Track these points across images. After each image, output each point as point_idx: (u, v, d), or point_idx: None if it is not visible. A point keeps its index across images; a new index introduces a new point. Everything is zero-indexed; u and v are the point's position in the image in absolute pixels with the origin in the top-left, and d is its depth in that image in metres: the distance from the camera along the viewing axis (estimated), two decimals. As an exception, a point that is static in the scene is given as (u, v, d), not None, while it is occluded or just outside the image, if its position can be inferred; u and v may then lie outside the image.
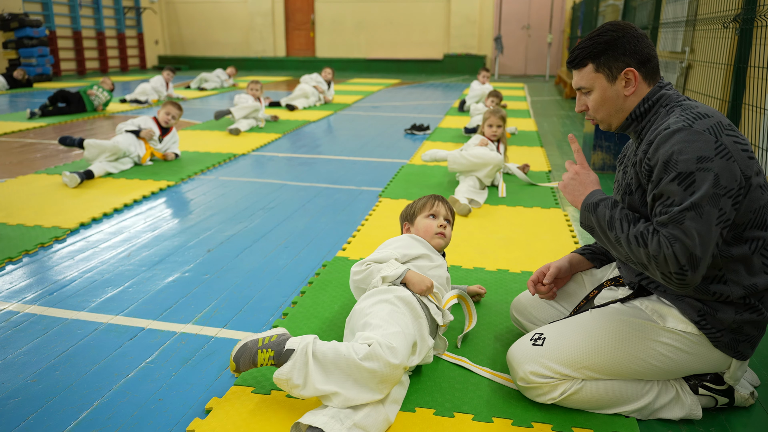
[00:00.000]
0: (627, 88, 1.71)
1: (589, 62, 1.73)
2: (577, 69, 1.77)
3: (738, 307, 1.61)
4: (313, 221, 3.66)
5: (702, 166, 1.49)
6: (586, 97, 1.79)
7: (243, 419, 1.72)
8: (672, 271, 1.48)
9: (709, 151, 1.49)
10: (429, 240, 2.24)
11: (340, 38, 19.01)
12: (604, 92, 1.73)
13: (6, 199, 4.00)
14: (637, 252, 1.54)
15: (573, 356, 1.70)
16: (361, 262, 2.11)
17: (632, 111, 1.73)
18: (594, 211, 1.69)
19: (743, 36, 3.91)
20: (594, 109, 1.77)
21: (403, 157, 5.60)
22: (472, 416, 1.75)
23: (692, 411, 1.76)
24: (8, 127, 6.98)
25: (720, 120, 1.55)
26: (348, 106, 9.66)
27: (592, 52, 1.71)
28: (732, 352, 1.64)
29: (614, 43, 1.69)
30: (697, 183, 1.48)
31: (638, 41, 1.69)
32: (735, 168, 1.50)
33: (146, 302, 2.54)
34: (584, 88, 1.77)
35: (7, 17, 13.00)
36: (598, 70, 1.72)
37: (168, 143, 5.19)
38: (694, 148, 1.50)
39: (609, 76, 1.71)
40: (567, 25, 17.18)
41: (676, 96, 1.69)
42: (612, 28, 1.71)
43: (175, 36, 20.19)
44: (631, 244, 1.56)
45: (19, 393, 1.88)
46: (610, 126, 1.80)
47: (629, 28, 1.71)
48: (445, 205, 2.34)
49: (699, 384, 1.78)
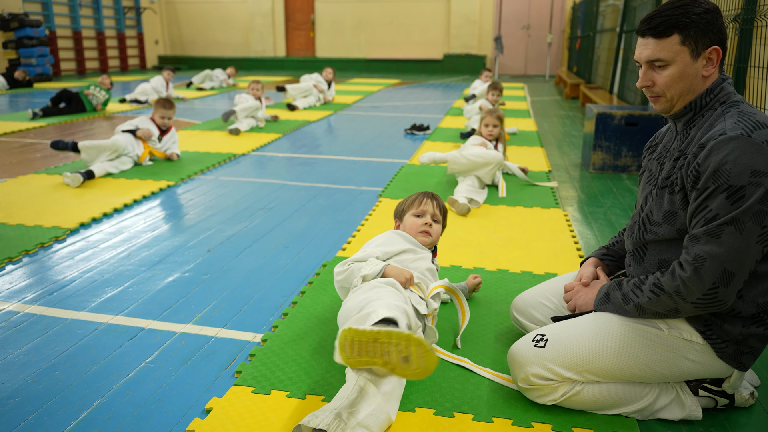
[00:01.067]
0: (707, 68, 1.59)
1: (676, 32, 1.56)
2: (658, 38, 1.58)
3: (746, 321, 1.60)
4: (313, 221, 3.66)
5: (754, 180, 1.42)
6: (656, 72, 1.62)
7: (243, 419, 1.72)
8: (702, 294, 1.48)
9: (764, 165, 1.43)
10: (414, 237, 2.25)
11: (340, 38, 19.01)
12: (685, 68, 1.58)
13: (6, 199, 4.00)
14: (660, 303, 1.58)
15: (575, 359, 1.69)
16: (343, 263, 2.11)
17: (694, 100, 1.62)
18: (607, 302, 1.74)
19: (743, 36, 3.91)
20: (667, 85, 1.61)
21: (403, 157, 5.60)
22: (472, 416, 1.75)
23: (692, 412, 1.76)
24: (8, 127, 6.98)
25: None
26: (348, 106, 9.66)
27: (681, 22, 1.55)
28: (735, 363, 1.64)
29: (704, 16, 1.55)
30: (745, 197, 1.42)
31: (722, 20, 1.58)
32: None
33: (146, 302, 2.54)
34: (661, 61, 1.59)
35: (7, 17, 13.01)
36: (684, 42, 1.56)
37: (168, 143, 5.19)
38: (749, 160, 1.43)
39: (693, 52, 1.57)
40: (567, 25, 17.18)
41: (734, 94, 1.60)
42: (704, 2, 1.57)
43: (175, 36, 20.19)
44: (651, 302, 1.60)
45: (19, 393, 1.88)
46: (672, 107, 1.65)
47: (713, 4, 1.58)
48: (434, 203, 2.31)
49: (699, 386, 1.78)
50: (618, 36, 9.12)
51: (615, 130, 4.98)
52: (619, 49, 9.15)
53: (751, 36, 3.88)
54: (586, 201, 4.18)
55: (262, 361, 2.02)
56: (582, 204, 4.10)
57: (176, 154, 5.22)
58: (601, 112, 5.05)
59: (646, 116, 5.01)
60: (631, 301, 1.65)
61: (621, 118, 4.99)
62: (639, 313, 1.64)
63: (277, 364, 2.00)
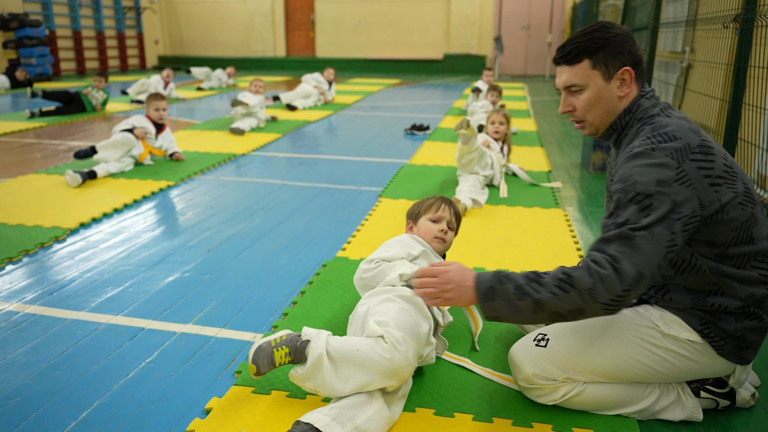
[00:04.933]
0: (621, 88, 1.66)
1: (586, 58, 1.64)
2: (570, 65, 1.67)
3: (738, 316, 1.60)
4: (313, 221, 3.66)
5: (661, 189, 1.47)
6: (574, 97, 1.70)
7: (243, 419, 1.72)
8: (616, 296, 1.44)
9: (668, 177, 1.47)
10: (429, 242, 2.24)
11: (340, 38, 19.00)
12: (600, 91, 1.66)
13: (6, 199, 4.00)
14: (567, 300, 1.46)
15: (577, 360, 1.69)
16: (369, 260, 2.10)
17: (615, 121, 1.69)
18: (493, 297, 1.54)
19: (743, 36, 3.91)
20: (585, 109, 1.69)
21: (403, 157, 5.59)
22: (472, 416, 1.75)
23: (693, 413, 1.75)
24: (8, 127, 6.98)
25: (688, 142, 1.52)
26: (348, 106, 9.66)
27: (590, 48, 1.64)
28: (736, 359, 1.64)
29: (612, 40, 1.63)
30: (654, 206, 1.46)
31: (633, 42, 1.66)
32: (693, 196, 1.48)
33: (146, 302, 2.54)
34: (576, 86, 1.68)
35: (7, 17, 13.00)
36: (594, 66, 1.64)
37: (165, 142, 5.18)
38: (654, 172, 1.48)
39: (605, 75, 1.65)
40: (567, 25, 17.18)
41: (651, 108, 1.65)
42: (609, 25, 1.66)
43: (175, 36, 20.19)
44: (557, 298, 1.47)
45: (19, 393, 1.88)
46: (597, 130, 1.73)
47: (624, 28, 1.67)
48: (451, 210, 2.29)
49: (701, 387, 1.78)
50: (618, 36, 9.11)
51: (615, 130, 4.98)
52: (619, 49, 9.14)
53: (751, 36, 3.88)
54: (586, 201, 4.18)
55: (262, 361, 2.02)
56: (582, 204, 4.10)
57: (180, 153, 5.21)
58: (601, 112, 5.04)
59: (646, 116, 5.01)
60: (528, 297, 1.49)
61: (621, 118, 4.99)
62: (535, 310, 1.50)
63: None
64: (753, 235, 1.56)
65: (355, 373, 1.65)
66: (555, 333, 1.75)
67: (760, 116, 4.00)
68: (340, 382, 1.65)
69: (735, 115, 3.99)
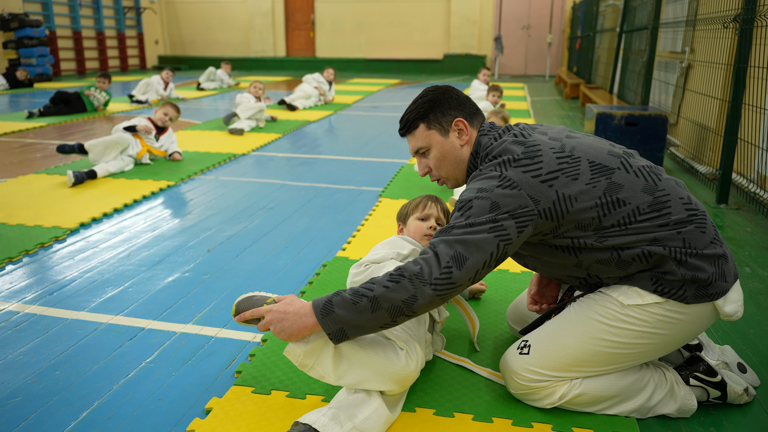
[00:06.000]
0: (461, 137, 1.80)
1: (420, 122, 1.81)
2: (410, 133, 1.84)
3: (672, 262, 1.59)
4: (313, 221, 3.66)
5: (480, 195, 1.59)
6: (426, 159, 1.85)
7: (243, 419, 1.72)
8: (440, 274, 1.52)
9: (489, 184, 1.60)
10: (419, 241, 2.24)
11: (340, 38, 19.01)
12: (442, 146, 1.80)
13: (6, 199, 4.01)
14: (400, 290, 1.51)
15: (560, 359, 1.69)
16: (358, 264, 2.11)
17: (468, 167, 1.81)
18: (331, 310, 1.54)
19: (743, 36, 3.91)
20: (436, 166, 1.83)
21: (403, 157, 5.60)
22: (472, 416, 1.75)
23: (686, 401, 1.76)
24: (8, 127, 6.98)
25: (511, 154, 1.65)
26: (348, 106, 9.66)
27: (420, 113, 1.81)
28: (707, 298, 1.62)
29: (438, 100, 1.80)
30: (473, 208, 1.58)
31: (459, 96, 1.82)
32: (521, 196, 1.57)
33: (146, 302, 2.54)
34: (422, 148, 1.83)
35: (7, 17, 13.01)
36: (430, 127, 1.80)
37: (166, 143, 5.19)
38: (477, 184, 1.64)
39: (442, 131, 1.80)
40: (567, 25, 17.18)
41: (486, 141, 1.76)
42: (432, 89, 1.84)
43: (175, 36, 20.19)
44: (390, 290, 1.52)
45: (19, 393, 1.88)
46: (457, 181, 1.87)
47: (449, 87, 1.84)
48: (438, 206, 2.31)
49: (690, 374, 1.79)
50: (618, 36, 9.12)
51: (615, 130, 4.98)
52: (619, 49, 9.15)
53: (751, 36, 3.88)
54: (586, 201, 4.17)
55: (262, 361, 2.02)
56: (582, 204, 4.10)
57: (178, 153, 5.22)
58: (601, 112, 5.05)
59: (646, 116, 5.01)
60: (363, 297, 1.52)
61: (621, 118, 4.99)
62: (373, 309, 1.52)
63: (277, 364, 2.00)
64: (620, 199, 1.61)
65: (357, 368, 1.65)
66: (536, 338, 1.76)
67: (760, 116, 4.00)
68: (339, 372, 1.65)
69: (735, 115, 3.99)
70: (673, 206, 1.63)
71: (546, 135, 1.74)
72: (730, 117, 4.02)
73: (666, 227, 1.61)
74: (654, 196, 1.63)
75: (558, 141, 1.71)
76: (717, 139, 4.60)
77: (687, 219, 1.63)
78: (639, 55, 7.44)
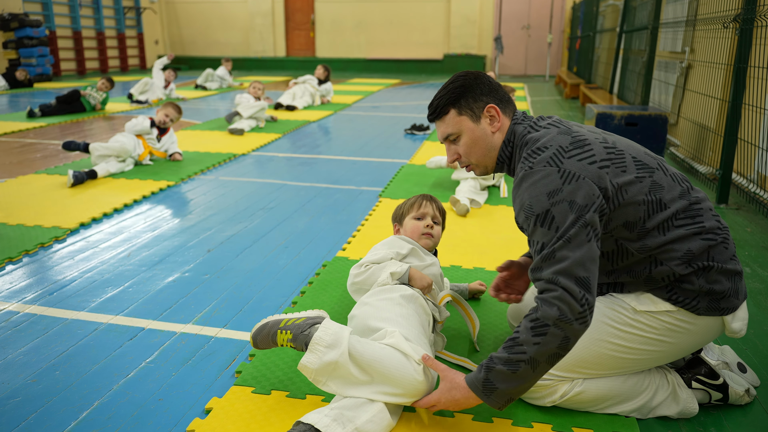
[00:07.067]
0: (492, 124, 1.76)
1: (451, 108, 1.77)
2: (440, 119, 1.80)
3: (694, 274, 1.60)
4: (313, 221, 3.66)
5: (554, 200, 1.53)
6: (455, 145, 1.81)
7: (243, 419, 1.72)
8: (579, 306, 1.46)
9: (555, 184, 1.54)
10: (417, 240, 2.25)
11: (340, 38, 19.01)
12: (473, 133, 1.76)
13: (6, 199, 4.00)
14: (551, 340, 1.48)
15: (565, 359, 1.67)
16: (358, 264, 2.12)
17: (499, 155, 1.77)
18: (493, 386, 1.53)
19: (743, 36, 3.91)
20: (466, 153, 1.79)
21: (403, 157, 5.60)
22: (472, 416, 1.75)
23: (687, 404, 1.76)
24: (8, 127, 6.98)
25: (560, 144, 1.60)
26: (348, 106, 9.66)
27: (451, 98, 1.76)
28: (717, 312, 1.63)
29: (469, 86, 1.75)
30: (557, 218, 1.51)
31: (491, 83, 1.77)
32: (587, 185, 1.53)
33: (146, 302, 2.54)
34: (452, 135, 1.79)
35: (7, 17, 13.00)
36: (461, 113, 1.76)
37: (166, 143, 5.19)
38: (541, 187, 1.55)
39: (473, 117, 1.75)
40: (567, 25, 17.18)
41: (522, 130, 1.73)
42: (464, 74, 1.79)
43: (175, 36, 20.19)
44: (542, 345, 1.48)
45: (19, 393, 1.88)
46: (486, 168, 1.82)
47: (480, 73, 1.79)
48: (433, 205, 2.32)
49: (693, 377, 1.79)
50: (618, 36, 9.12)
51: (615, 130, 4.98)
52: (619, 49, 9.15)
53: (751, 36, 3.88)
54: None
55: (262, 361, 2.02)
56: (582, 204, 4.10)
57: (179, 154, 5.22)
58: (601, 112, 5.05)
59: (646, 116, 5.01)
60: (520, 363, 1.49)
61: (621, 118, 4.99)
62: (534, 368, 1.50)
63: (277, 364, 2.00)
64: (663, 200, 1.60)
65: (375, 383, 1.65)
66: None
67: (760, 116, 4.00)
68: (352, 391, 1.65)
69: (735, 115, 3.99)
70: (704, 215, 1.63)
71: (583, 128, 1.72)
72: (730, 117, 4.02)
73: (699, 236, 1.60)
74: (690, 201, 1.63)
75: (598, 134, 1.69)
76: (717, 139, 4.60)
77: (716, 230, 1.63)
78: (639, 55, 7.44)
